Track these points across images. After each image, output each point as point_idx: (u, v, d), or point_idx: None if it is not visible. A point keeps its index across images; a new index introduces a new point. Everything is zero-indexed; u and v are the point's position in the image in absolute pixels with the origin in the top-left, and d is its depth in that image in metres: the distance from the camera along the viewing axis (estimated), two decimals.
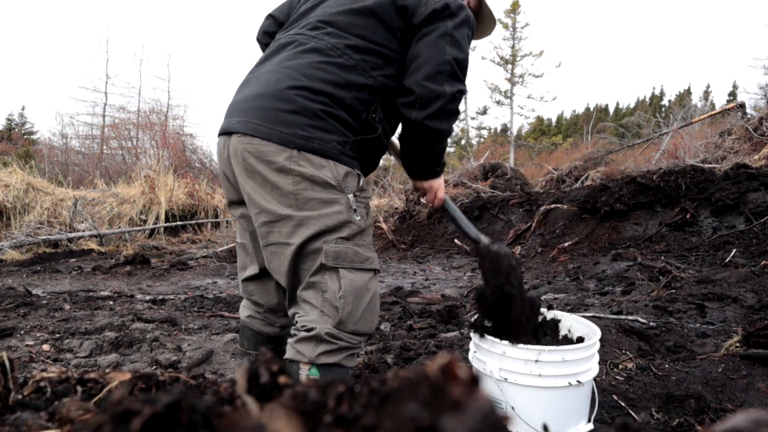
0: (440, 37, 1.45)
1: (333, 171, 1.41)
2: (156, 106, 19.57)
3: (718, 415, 1.56)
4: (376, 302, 1.50)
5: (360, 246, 1.46)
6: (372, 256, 1.50)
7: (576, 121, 51.41)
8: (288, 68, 1.47)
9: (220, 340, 2.66)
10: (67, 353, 2.41)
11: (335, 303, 1.42)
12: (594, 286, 3.93)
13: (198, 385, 0.49)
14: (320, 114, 1.41)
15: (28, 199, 7.80)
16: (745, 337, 1.99)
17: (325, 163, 1.41)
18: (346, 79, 1.44)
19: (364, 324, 1.46)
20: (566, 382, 1.31)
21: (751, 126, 8.37)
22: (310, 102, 1.41)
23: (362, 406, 0.29)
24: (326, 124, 1.42)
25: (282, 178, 1.40)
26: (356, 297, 1.43)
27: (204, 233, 9.28)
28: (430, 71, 1.43)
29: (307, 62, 1.46)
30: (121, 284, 4.55)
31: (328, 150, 1.41)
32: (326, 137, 1.41)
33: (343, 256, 1.43)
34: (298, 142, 1.39)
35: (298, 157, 1.39)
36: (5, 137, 28.02)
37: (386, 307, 3.38)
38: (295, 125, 1.40)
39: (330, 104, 1.42)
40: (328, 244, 1.42)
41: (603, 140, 15.25)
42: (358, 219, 1.46)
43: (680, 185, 5.10)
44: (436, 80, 1.44)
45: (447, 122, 1.51)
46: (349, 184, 1.45)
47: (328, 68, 1.45)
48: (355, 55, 1.46)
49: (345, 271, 1.42)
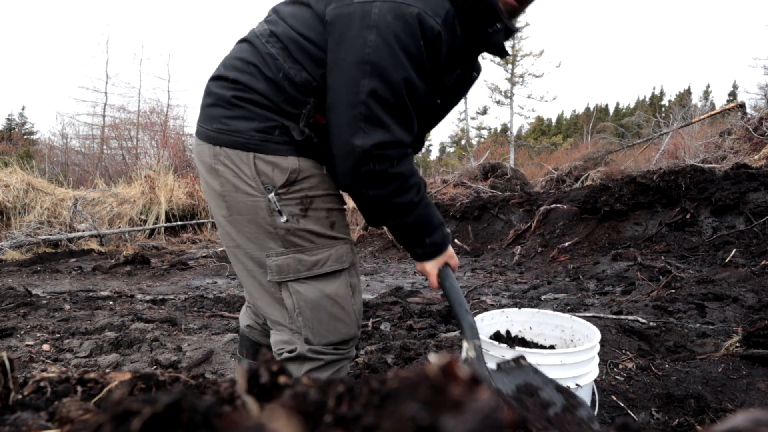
0: (353, 63, 1.09)
1: (251, 167, 1.21)
2: (156, 106, 19.57)
3: (718, 415, 1.56)
4: (344, 305, 1.32)
5: (303, 251, 1.26)
6: (322, 257, 1.28)
7: (576, 121, 51.44)
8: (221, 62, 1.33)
9: (220, 340, 2.66)
10: (67, 353, 2.41)
11: (295, 324, 1.29)
12: (594, 286, 3.93)
13: (198, 385, 0.49)
14: (233, 101, 1.22)
15: (28, 199, 7.81)
16: (745, 337, 1.99)
17: (244, 158, 1.21)
18: (259, 67, 1.22)
19: (335, 333, 1.31)
20: (565, 385, 1.31)
21: (751, 126, 8.38)
22: (223, 90, 1.24)
23: (362, 406, 0.29)
24: (243, 112, 1.22)
25: (213, 180, 1.27)
26: (312, 310, 1.28)
27: (204, 233, 9.28)
28: (339, 115, 1.13)
29: (233, 52, 1.31)
30: (121, 284, 4.55)
31: (245, 141, 1.21)
32: (242, 126, 1.21)
33: (286, 268, 1.26)
34: (218, 137, 1.23)
35: (221, 154, 1.23)
36: (5, 137, 28.03)
37: (386, 307, 3.38)
38: (214, 119, 1.25)
39: (243, 89, 1.22)
40: (270, 257, 1.26)
41: (603, 140, 15.25)
42: (282, 221, 1.23)
43: (680, 185, 5.10)
44: (345, 129, 1.13)
45: (375, 188, 1.17)
46: (273, 180, 1.22)
47: (246, 56, 1.25)
48: (277, 44, 1.21)
49: (294, 284, 1.27)
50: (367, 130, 1.11)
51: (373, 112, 1.10)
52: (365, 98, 1.09)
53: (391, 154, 1.14)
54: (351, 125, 1.11)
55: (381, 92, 1.09)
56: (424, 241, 1.31)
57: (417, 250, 1.33)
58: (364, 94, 1.09)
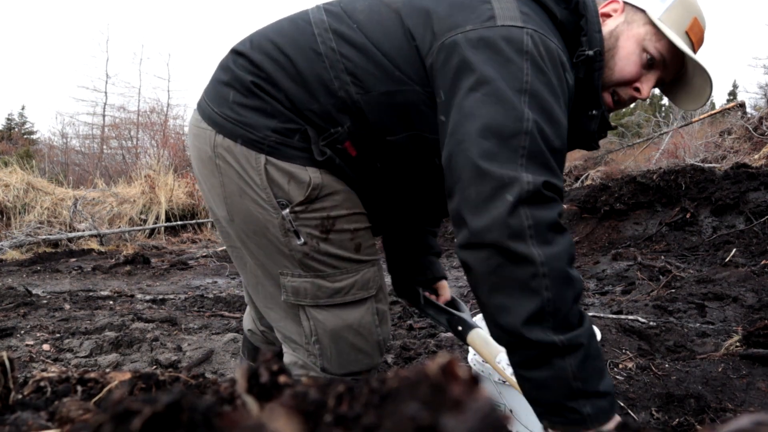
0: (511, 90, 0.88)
1: (260, 174, 1.01)
2: (156, 106, 19.56)
3: (718, 414, 1.56)
4: (367, 337, 1.14)
5: (323, 276, 1.07)
6: (346, 284, 1.08)
7: None
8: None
9: (220, 339, 2.66)
10: (67, 353, 2.41)
11: (311, 347, 1.13)
12: (594, 286, 3.93)
13: (198, 384, 0.49)
14: (251, 87, 1.02)
15: (28, 198, 7.80)
16: (745, 336, 1.99)
17: (253, 160, 1.01)
18: (294, 62, 1.00)
19: (355, 364, 1.15)
20: None
21: (751, 125, 8.38)
22: (242, 71, 1.03)
23: (362, 405, 0.29)
24: (261, 103, 1.01)
25: (211, 175, 1.08)
26: (332, 339, 1.11)
27: (204, 233, 9.28)
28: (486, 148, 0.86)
29: (269, 30, 1.08)
30: (121, 284, 4.55)
31: (257, 140, 1.00)
32: (257, 121, 1.01)
33: (303, 292, 1.08)
34: (225, 125, 1.02)
35: (222, 147, 1.03)
36: (5, 137, 28.01)
37: None
38: (224, 101, 1.04)
39: (265, 78, 1.02)
40: (285, 276, 1.08)
41: (603, 140, 15.21)
42: (299, 244, 1.03)
43: (680, 185, 5.10)
44: (502, 163, 0.85)
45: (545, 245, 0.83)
46: (289, 195, 1.01)
47: (283, 42, 1.02)
48: (335, 44, 0.99)
49: (312, 310, 1.09)
50: (531, 168, 0.85)
51: (539, 147, 0.86)
52: (531, 128, 0.86)
53: (559, 203, 0.88)
54: (509, 158, 0.85)
55: (545, 127, 0.87)
56: (597, 388, 0.84)
57: (584, 407, 0.83)
58: (530, 123, 0.86)
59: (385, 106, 1.00)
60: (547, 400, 0.86)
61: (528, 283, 0.81)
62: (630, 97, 1.10)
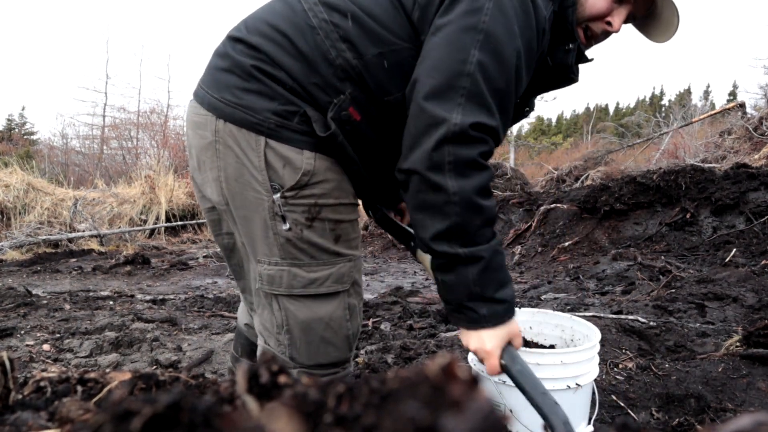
0: (465, 28, 0.95)
1: (260, 156, 1.05)
2: (156, 106, 19.58)
3: (718, 414, 1.56)
4: (337, 330, 1.16)
5: (300, 265, 1.10)
6: (320, 276, 1.11)
7: (576, 121, 51.43)
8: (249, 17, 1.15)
9: (220, 340, 2.66)
10: (67, 353, 2.41)
11: (281, 337, 1.15)
12: (594, 286, 3.93)
13: (198, 384, 0.49)
14: (252, 72, 1.05)
15: (28, 199, 7.81)
16: (745, 336, 1.98)
17: (253, 142, 1.05)
18: (291, 39, 1.04)
19: (324, 356, 1.17)
20: (565, 385, 1.31)
21: (751, 125, 8.38)
22: (241, 56, 1.06)
23: (362, 405, 0.29)
24: (261, 87, 1.05)
25: (209, 160, 1.10)
26: (302, 331, 1.13)
27: (204, 233, 9.28)
28: (434, 84, 0.96)
29: (262, 13, 1.12)
30: (121, 284, 4.55)
31: (258, 122, 1.04)
32: (257, 104, 1.04)
33: (278, 280, 1.11)
34: (226, 109, 1.05)
35: (224, 131, 1.06)
36: (5, 137, 28.03)
37: (386, 307, 3.38)
38: (224, 87, 1.07)
39: (266, 60, 1.05)
40: (262, 264, 1.12)
41: (603, 140, 15.25)
42: (284, 228, 1.07)
43: (680, 185, 5.10)
44: (440, 100, 0.95)
45: (459, 178, 0.95)
46: (282, 179, 1.05)
47: (277, 21, 1.07)
48: (325, 15, 1.03)
49: (284, 300, 1.12)
50: (467, 108, 0.95)
51: (479, 88, 0.95)
52: (473, 70, 0.94)
53: (488, 141, 0.98)
54: (448, 97, 0.95)
55: (490, 69, 0.95)
56: (493, 294, 1.00)
57: (480, 308, 1.00)
58: (473, 65, 0.94)
59: (380, 67, 1.05)
60: (452, 300, 1.04)
61: (441, 208, 0.97)
62: (603, 31, 1.16)
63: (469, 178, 0.96)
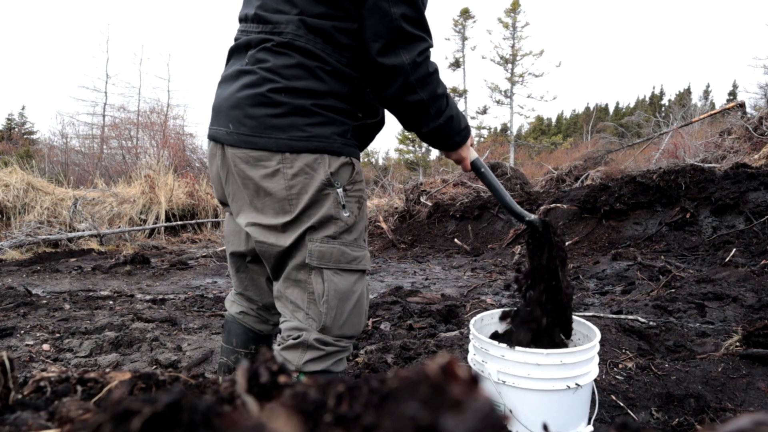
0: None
1: (326, 166, 1.32)
2: (156, 106, 19.57)
3: (718, 414, 1.56)
4: (362, 304, 1.43)
5: (347, 245, 1.37)
6: (360, 255, 1.40)
7: (576, 121, 51.45)
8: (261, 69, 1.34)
9: (220, 339, 2.66)
10: (67, 353, 2.41)
11: (319, 307, 1.36)
12: (594, 286, 3.93)
13: (198, 384, 0.49)
14: (313, 109, 1.31)
15: (28, 198, 7.81)
16: (745, 336, 1.99)
17: (320, 159, 1.32)
18: (310, 69, 1.30)
19: (350, 327, 1.41)
20: (565, 385, 1.31)
21: (750, 125, 8.38)
22: (295, 99, 1.30)
23: (362, 405, 0.29)
24: (322, 118, 1.32)
25: (275, 183, 1.32)
26: (340, 301, 1.36)
27: (204, 233, 9.29)
28: (380, 47, 1.26)
29: (265, 65, 1.32)
30: (121, 284, 4.55)
31: (326, 145, 1.32)
32: (325, 131, 1.32)
33: (329, 256, 1.35)
34: (297, 144, 1.30)
35: (291, 159, 1.30)
36: (5, 137, 28.03)
37: (386, 306, 3.38)
38: (290, 127, 1.30)
39: (318, 95, 1.31)
40: (313, 242, 1.34)
41: (603, 140, 15.25)
42: (345, 215, 1.35)
43: (680, 185, 5.10)
44: (389, 54, 1.26)
45: (425, 87, 1.32)
46: (341, 178, 1.35)
47: (286, 62, 1.30)
48: (306, 36, 1.29)
49: (329, 273, 1.35)
50: (408, 47, 1.27)
51: (408, 31, 1.26)
52: (399, 23, 1.24)
53: (429, 56, 1.32)
54: (393, 50, 1.26)
55: (409, 14, 1.25)
56: (461, 127, 1.47)
57: (456, 138, 1.48)
58: (397, 20, 1.24)
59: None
60: (442, 142, 1.49)
61: (423, 104, 1.38)
62: None
63: (429, 84, 1.33)
